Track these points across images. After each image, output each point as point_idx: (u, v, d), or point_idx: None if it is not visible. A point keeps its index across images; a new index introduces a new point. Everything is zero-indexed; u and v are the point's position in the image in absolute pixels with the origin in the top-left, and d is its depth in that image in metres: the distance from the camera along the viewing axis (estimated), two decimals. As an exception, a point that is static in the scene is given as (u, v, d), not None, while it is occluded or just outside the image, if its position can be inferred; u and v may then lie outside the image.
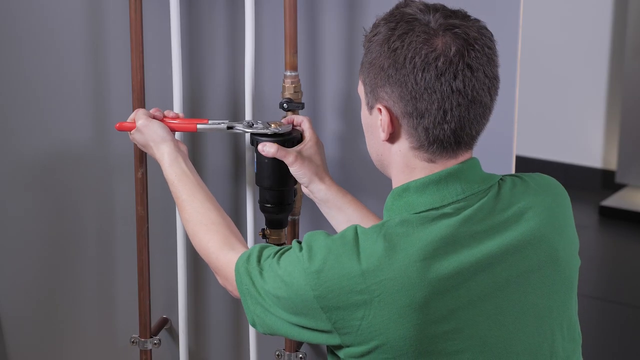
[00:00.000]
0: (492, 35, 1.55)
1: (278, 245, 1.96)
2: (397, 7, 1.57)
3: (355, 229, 1.52)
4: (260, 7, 2.12)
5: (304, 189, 1.95)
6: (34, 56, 2.36)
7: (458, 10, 1.56)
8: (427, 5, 1.55)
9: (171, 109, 2.17)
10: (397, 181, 1.59)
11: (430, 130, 1.52)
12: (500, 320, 1.50)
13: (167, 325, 2.40)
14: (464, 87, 1.50)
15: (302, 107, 2.04)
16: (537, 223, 1.55)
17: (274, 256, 1.56)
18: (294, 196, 2.02)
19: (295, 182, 1.99)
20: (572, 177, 4.93)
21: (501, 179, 1.59)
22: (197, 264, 2.34)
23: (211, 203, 1.81)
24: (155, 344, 2.32)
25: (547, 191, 1.61)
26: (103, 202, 2.40)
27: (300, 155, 1.90)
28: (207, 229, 1.76)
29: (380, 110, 1.54)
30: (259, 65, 2.14)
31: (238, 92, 2.21)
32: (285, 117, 2.01)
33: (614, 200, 4.73)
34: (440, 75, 1.49)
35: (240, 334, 2.36)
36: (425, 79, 1.49)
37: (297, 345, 2.23)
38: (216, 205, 1.81)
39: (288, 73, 2.05)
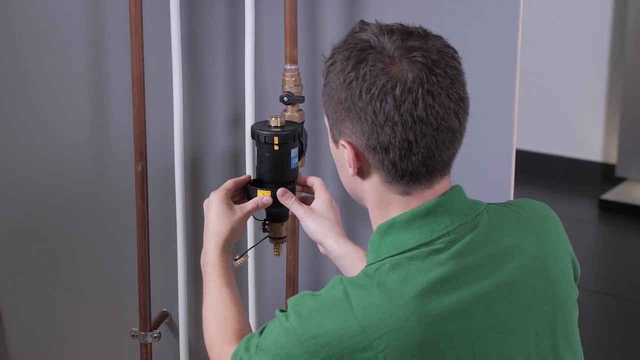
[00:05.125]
0: (455, 52, 1.46)
1: (279, 238, 1.96)
2: (352, 32, 1.48)
3: (341, 281, 1.42)
4: (260, 0, 2.11)
5: (319, 247, 1.84)
6: (34, 50, 2.36)
7: (417, 28, 1.47)
8: (382, 28, 1.45)
9: (171, 102, 2.17)
10: (375, 216, 1.49)
11: (398, 163, 1.43)
12: None
13: (167, 318, 2.40)
14: (427, 116, 1.41)
15: (302, 101, 2.04)
16: (531, 255, 1.48)
17: (259, 335, 1.44)
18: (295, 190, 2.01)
19: (297, 176, 1.98)
20: (572, 170, 4.93)
21: (488, 205, 1.51)
22: (197, 257, 2.33)
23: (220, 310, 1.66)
24: (155, 337, 2.32)
25: (539, 218, 1.53)
26: (103, 195, 2.40)
27: (312, 210, 1.80)
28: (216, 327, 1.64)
29: (344, 146, 1.46)
30: (259, 58, 2.14)
31: (238, 85, 2.21)
32: (285, 111, 2.01)
33: (614, 194, 4.73)
34: (400, 105, 1.40)
35: (241, 327, 2.36)
36: (384, 111, 1.40)
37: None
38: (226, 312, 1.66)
39: (288, 67, 2.05)
